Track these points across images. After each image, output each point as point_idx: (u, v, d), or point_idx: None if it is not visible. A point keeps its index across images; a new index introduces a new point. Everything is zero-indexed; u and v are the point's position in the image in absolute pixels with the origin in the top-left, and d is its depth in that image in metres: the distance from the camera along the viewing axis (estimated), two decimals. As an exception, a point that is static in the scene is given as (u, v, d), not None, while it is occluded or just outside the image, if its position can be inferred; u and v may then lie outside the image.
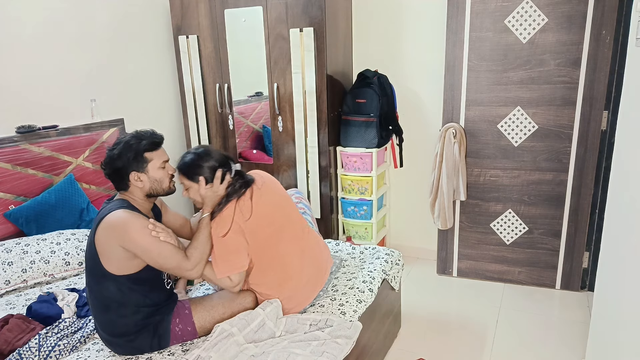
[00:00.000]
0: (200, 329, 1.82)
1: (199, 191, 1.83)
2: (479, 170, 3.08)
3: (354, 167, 3.28)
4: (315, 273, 2.05)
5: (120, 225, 1.63)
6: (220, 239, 1.80)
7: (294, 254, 1.97)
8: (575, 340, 2.54)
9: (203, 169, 1.83)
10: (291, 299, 1.96)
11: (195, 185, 1.84)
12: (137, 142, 1.72)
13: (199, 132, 3.58)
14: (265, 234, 1.88)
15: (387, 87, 3.25)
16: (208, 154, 1.85)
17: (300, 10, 3.03)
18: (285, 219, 1.98)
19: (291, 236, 1.98)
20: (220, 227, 1.81)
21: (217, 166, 1.84)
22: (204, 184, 1.82)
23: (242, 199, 1.85)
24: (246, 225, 1.83)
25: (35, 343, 1.75)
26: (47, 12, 2.76)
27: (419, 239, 3.61)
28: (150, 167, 1.73)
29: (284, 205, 2.01)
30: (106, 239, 1.64)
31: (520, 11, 2.77)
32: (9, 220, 2.51)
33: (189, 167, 1.84)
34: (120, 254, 1.65)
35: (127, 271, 1.68)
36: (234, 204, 1.83)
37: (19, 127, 2.60)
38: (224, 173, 1.85)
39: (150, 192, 1.77)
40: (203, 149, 1.88)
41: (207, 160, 1.84)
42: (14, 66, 2.63)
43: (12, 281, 2.24)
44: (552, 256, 3.05)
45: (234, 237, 1.81)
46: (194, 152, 1.87)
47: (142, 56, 3.40)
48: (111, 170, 1.72)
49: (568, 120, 2.83)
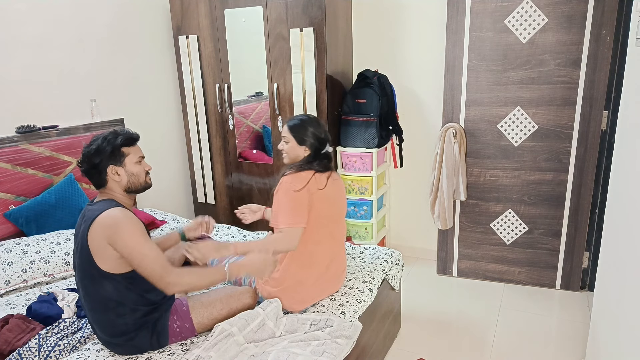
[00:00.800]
0: (199, 325, 1.82)
1: (294, 149, 2.04)
2: (479, 170, 3.08)
3: (354, 167, 3.28)
4: (331, 277, 2.10)
5: (113, 223, 1.63)
6: (293, 192, 1.92)
7: (327, 246, 2.06)
8: (575, 340, 2.54)
9: (308, 132, 2.03)
10: (300, 287, 1.98)
11: (295, 144, 2.03)
12: (114, 137, 1.74)
13: (199, 132, 3.58)
14: (321, 213, 1.99)
15: (387, 87, 3.25)
16: (319, 125, 2.07)
17: (300, 10, 3.03)
18: (338, 216, 2.12)
19: (332, 233, 2.08)
20: (296, 182, 1.94)
21: (321, 138, 2.05)
22: (296, 145, 2.03)
23: (320, 174, 2.01)
24: (316, 194, 1.96)
25: (35, 343, 1.75)
26: (47, 13, 2.77)
27: (419, 239, 3.61)
28: (127, 162, 1.76)
29: (342, 206, 2.15)
30: (97, 237, 1.64)
31: (520, 11, 2.77)
32: (9, 220, 2.51)
33: (301, 127, 2.03)
34: (110, 252, 1.65)
35: (121, 270, 1.68)
36: (312, 173, 1.99)
37: (19, 127, 2.60)
38: (320, 147, 2.06)
39: (129, 187, 1.78)
40: (317, 119, 2.10)
41: (317, 128, 2.05)
42: (14, 66, 2.63)
43: (12, 281, 2.24)
44: (552, 256, 3.05)
45: (304, 195, 1.93)
46: (308, 117, 2.08)
47: (142, 56, 3.40)
48: (89, 165, 1.73)
49: (568, 120, 2.83)
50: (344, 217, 2.18)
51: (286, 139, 2.06)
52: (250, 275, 1.93)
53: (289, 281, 1.98)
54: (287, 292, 1.98)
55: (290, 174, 1.98)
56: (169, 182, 3.69)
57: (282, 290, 1.98)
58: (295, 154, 2.05)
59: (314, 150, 2.04)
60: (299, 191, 1.92)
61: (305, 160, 2.03)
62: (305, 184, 1.94)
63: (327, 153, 2.08)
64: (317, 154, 2.05)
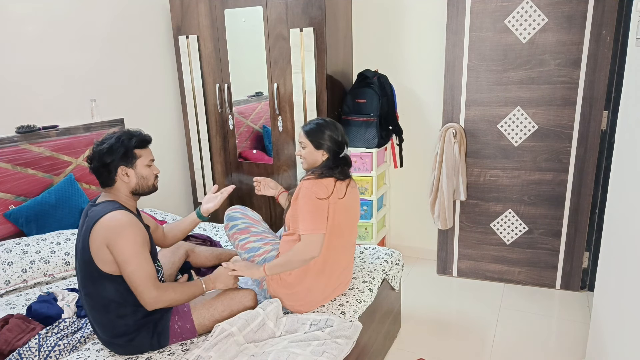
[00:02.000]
0: (200, 326, 1.82)
1: (312, 154, 2.00)
2: (479, 170, 3.08)
3: (354, 167, 3.28)
4: (340, 283, 2.10)
5: (116, 226, 1.63)
6: (316, 199, 1.89)
7: (342, 255, 2.06)
8: (575, 340, 2.54)
9: (325, 136, 1.99)
10: (310, 293, 1.98)
11: (313, 149, 2.00)
12: (127, 138, 1.74)
13: (199, 132, 3.58)
14: (339, 222, 1.97)
15: (387, 87, 3.25)
16: (336, 129, 2.03)
17: (300, 10, 3.03)
18: (353, 224, 2.10)
19: (347, 241, 2.07)
20: (318, 190, 1.91)
21: (338, 141, 2.01)
22: (314, 149, 2.00)
23: (341, 183, 1.99)
24: (336, 203, 1.94)
25: (35, 343, 1.75)
26: (47, 12, 2.77)
27: (419, 239, 3.61)
28: (138, 164, 1.76)
29: (357, 214, 2.13)
30: (98, 238, 1.63)
31: (520, 11, 2.77)
32: (9, 220, 2.51)
33: (318, 131, 2.00)
34: (107, 254, 1.64)
35: (119, 272, 1.68)
36: (334, 181, 1.96)
37: (19, 127, 2.60)
38: (339, 151, 2.03)
39: (136, 189, 1.78)
40: (334, 122, 2.05)
41: (334, 132, 2.01)
42: (14, 66, 2.63)
43: (12, 281, 2.24)
44: (552, 256, 3.05)
45: (325, 203, 1.91)
46: (325, 121, 2.04)
47: (142, 56, 3.40)
48: (99, 163, 1.72)
49: (568, 120, 2.83)
50: (357, 224, 2.16)
51: (303, 144, 2.02)
52: (226, 286, 1.92)
53: (300, 286, 1.97)
54: (298, 295, 1.98)
55: (311, 180, 1.94)
56: (169, 182, 3.69)
57: (293, 293, 1.97)
58: (313, 159, 2.02)
59: (332, 154, 2.00)
60: (323, 199, 1.90)
61: (325, 165, 2.00)
62: (330, 194, 1.91)
63: (346, 157, 2.04)
64: (336, 158, 2.01)
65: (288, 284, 1.97)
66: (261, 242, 2.09)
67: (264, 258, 2.04)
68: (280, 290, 1.98)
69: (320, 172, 1.96)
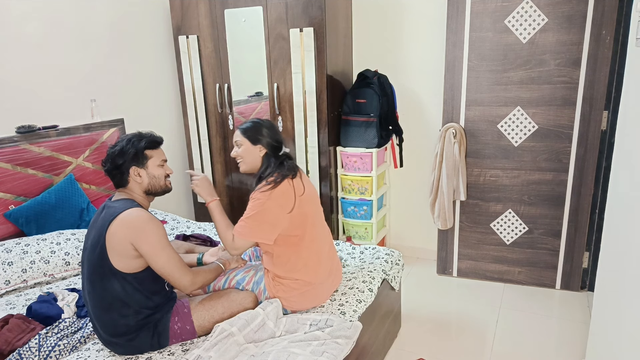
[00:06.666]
0: (199, 328, 1.83)
1: (249, 150, 1.97)
2: (479, 170, 3.08)
3: (354, 167, 3.28)
4: (335, 274, 2.11)
5: (140, 223, 1.67)
6: (265, 205, 1.85)
7: (326, 242, 2.08)
8: (575, 340, 2.54)
9: (262, 131, 1.98)
10: (311, 288, 1.98)
11: (249, 145, 1.96)
12: (138, 139, 1.80)
13: (199, 132, 3.58)
14: (312, 210, 1.99)
15: (387, 87, 3.25)
16: (273, 127, 2.03)
17: (300, 10, 3.03)
18: (319, 210, 2.09)
19: (324, 228, 2.10)
20: (285, 203, 1.88)
21: (276, 137, 2.00)
22: (250, 145, 1.97)
23: (296, 180, 1.95)
24: (300, 200, 1.92)
25: (35, 343, 1.75)
26: (47, 12, 2.77)
27: (419, 239, 3.61)
28: (150, 164, 1.81)
29: (318, 199, 2.12)
30: (118, 234, 1.66)
31: (520, 11, 2.77)
32: (9, 220, 2.51)
33: (253, 128, 1.98)
34: (129, 250, 1.67)
35: (133, 269, 1.70)
36: (289, 181, 1.92)
37: (19, 127, 2.60)
38: (277, 145, 2.01)
39: (149, 189, 1.83)
40: (269, 121, 2.06)
41: (270, 129, 2.00)
42: (14, 66, 2.63)
43: (12, 281, 2.24)
44: (552, 256, 3.05)
45: (279, 214, 1.88)
46: (261, 120, 2.03)
47: (142, 56, 3.40)
48: (112, 166, 1.78)
49: (568, 120, 2.83)
50: (320, 203, 2.15)
51: (238, 143, 1.98)
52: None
53: (298, 283, 1.96)
54: (301, 295, 1.97)
55: (267, 190, 1.87)
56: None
57: (298, 294, 1.97)
58: (252, 158, 1.97)
59: (271, 149, 1.97)
60: (290, 212, 1.88)
61: (270, 165, 1.95)
62: (294, 201, 1.89)
63: (286, 153, 2.01)
64: (276, 154, 1.98)
65: (287, 287, 1.96)
66: (243, 271, 2.07)
67: (255, 282, 2.02)
68: (283, 296, 1.97)
69: (274, 179, 1.90)
